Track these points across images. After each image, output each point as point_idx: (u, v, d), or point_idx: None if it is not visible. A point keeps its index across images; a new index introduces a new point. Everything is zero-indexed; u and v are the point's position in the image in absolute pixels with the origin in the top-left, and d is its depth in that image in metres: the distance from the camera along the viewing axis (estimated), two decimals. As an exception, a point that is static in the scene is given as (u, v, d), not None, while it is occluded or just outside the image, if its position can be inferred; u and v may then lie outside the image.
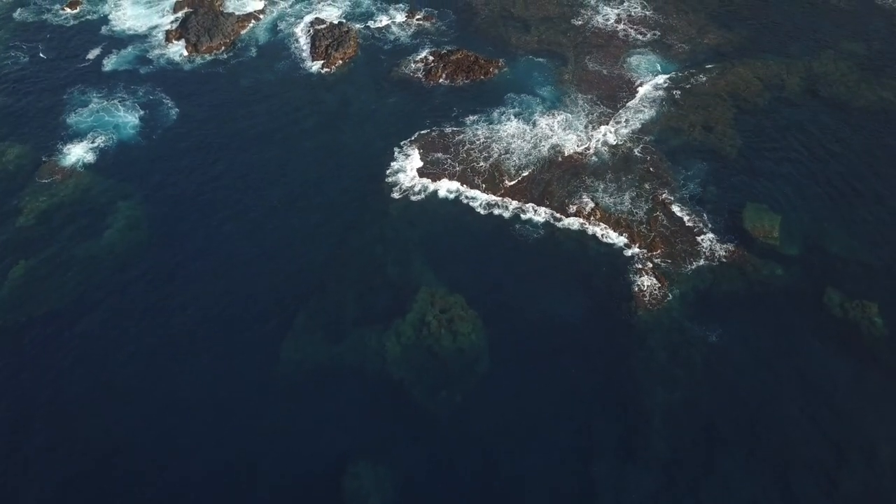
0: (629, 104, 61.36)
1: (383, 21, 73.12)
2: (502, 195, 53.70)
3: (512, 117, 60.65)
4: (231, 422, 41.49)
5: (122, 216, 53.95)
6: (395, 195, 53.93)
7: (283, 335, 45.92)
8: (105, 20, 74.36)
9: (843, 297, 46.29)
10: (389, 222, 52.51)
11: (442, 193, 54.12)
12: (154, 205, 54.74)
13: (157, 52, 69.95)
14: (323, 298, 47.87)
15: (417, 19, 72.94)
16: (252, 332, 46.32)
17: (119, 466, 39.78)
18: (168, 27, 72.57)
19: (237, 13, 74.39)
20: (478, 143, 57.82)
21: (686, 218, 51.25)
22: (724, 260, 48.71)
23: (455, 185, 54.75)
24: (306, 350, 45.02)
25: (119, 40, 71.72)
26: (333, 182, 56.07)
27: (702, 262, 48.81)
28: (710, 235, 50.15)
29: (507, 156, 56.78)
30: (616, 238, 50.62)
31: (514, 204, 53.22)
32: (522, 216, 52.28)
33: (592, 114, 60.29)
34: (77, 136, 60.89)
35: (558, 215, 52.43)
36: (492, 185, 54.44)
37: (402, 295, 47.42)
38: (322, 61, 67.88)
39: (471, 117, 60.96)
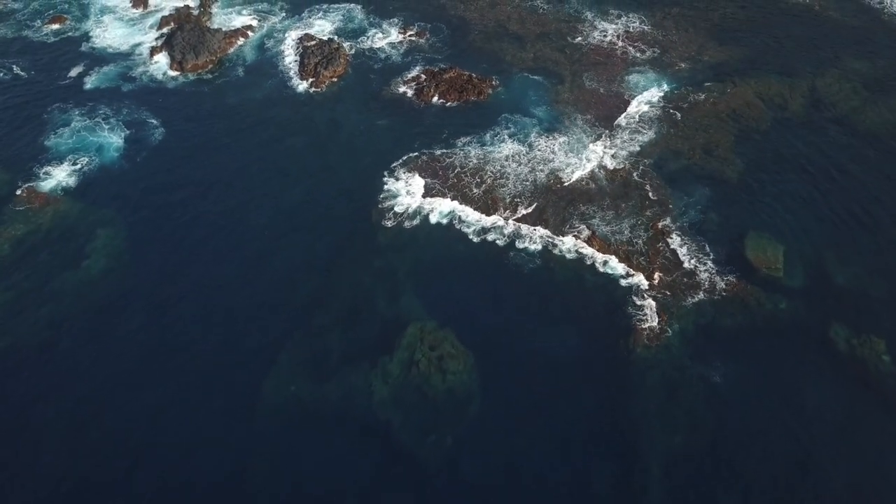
0: (628, 125, 60.07)
1: (375, 37, 71.83)
2: (495, 223, 51.97)
3: (506, 140, 59.37)
4: (209, 465, 40.04)
5: (101, 245, 52.51)
6: (385, 222, 52.58)
7: (267, 372, 44.46)
8: (88, 37, 73.06)
9: (849, 332, 44.95)
10: (378, 250, 51.13)
11: (433, 219, 52.76)
12: (135, 232, 53.29)
13: (141, 69, 68.58)
14: (308, 333, 46.43)
15: (410, 35, 71.68)
16: (234, 369, 44.87)
17: (91, 517, 38.31)
18: (153, 44, 71.18)
19: (224, 29, 73.02)
20: (470, 166, 56.54)
21: (686, 248, 49.92)
22: (725, 293, 47.35)
23: (447, 210, 53.38)
24: (290, 389, 43.52)
25: (102, 57, 70.33)
26: (321, 207, 54.70)
27: (702, 294, 47.46)
28: (712, 266, 48.79)
29: (502, 181, 55.46)
30: (613, 268, 49.11)
31: (510, 229, 51.62)
32: (517, 244, 50.91)
33: (590, 136, 59.00)
34: (57, 158, 59.45)
35: (554, 242, 50.73)
36: (485, 213, 52.79)
37: (391, 330, 45.99)
38: (311, 79, 66.51)
39: (463, 139, 59.73)
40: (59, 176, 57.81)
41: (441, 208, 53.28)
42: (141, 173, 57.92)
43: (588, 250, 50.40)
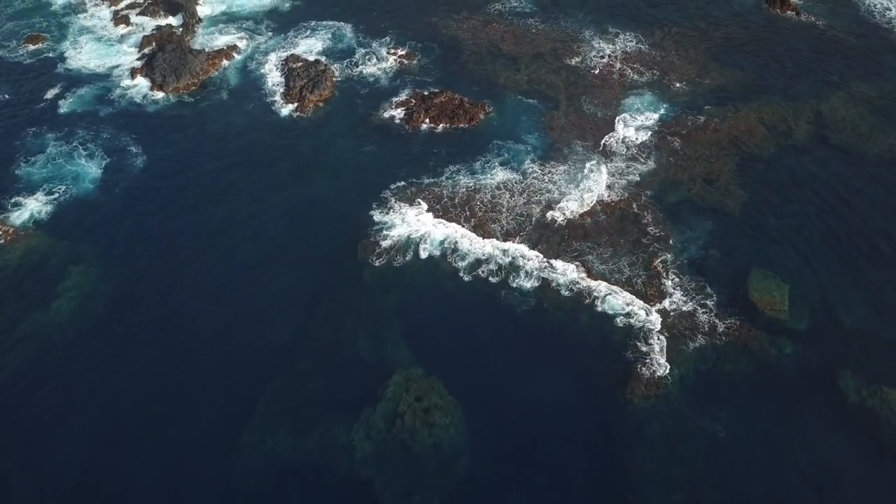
0: (625, 153, 58.17)
1: (364, 58, 69.99)
2: (486, 259, 49.97)
3: (498, 168, 57.54)
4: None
5: (73, 284, 50.50)
6: (370, 257, 50.63)
7: (243, 425, 42.42)
8: (66, 57, 71.18)
9: (859, 380, 43.00)
10: (363, 289, 49.13)
11: (421, 255, 50.80)
12: (109, 270, 51.31)
13: (120, 92, 66.73)
14: (288, 381, 44.45)
15: (400, 55, 69.77)
16: (209, 421, 42.84)
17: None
18: (133, 65, 69.27)
19: (207, 49, 71.12)
20: (459, 196, 54.58)
21: (687, 288, 47.93)
22: (727, 336, 45.41)
23: (435, 244, 51.44)
24: (267, 444, 41.54)
25: (81, 79, 68.49)
26: (304, 242, 52.75)
27: (704, 338, 45.50)
28: (713, 308, 46.84)
29: (494, 213, 53.59)
30: (610, 309, 47.13)
31: (502, 265, 49.61)
32: (510, 282, 48.89)
33: (586, 165, 57.03)
34: (29, 188, 57.52)
35: (549, 280, 48.75)
36: (476, 248, 50.79)
37: (375, 378, 44.00)
38: (297, 104, 64.57)
39: (452, 167, 57.82)
40: (32, 207, 55.86)
41: (429, 243, 51.31)
42: (117, 206, 55.95)
43: (584, 285, 48.13)
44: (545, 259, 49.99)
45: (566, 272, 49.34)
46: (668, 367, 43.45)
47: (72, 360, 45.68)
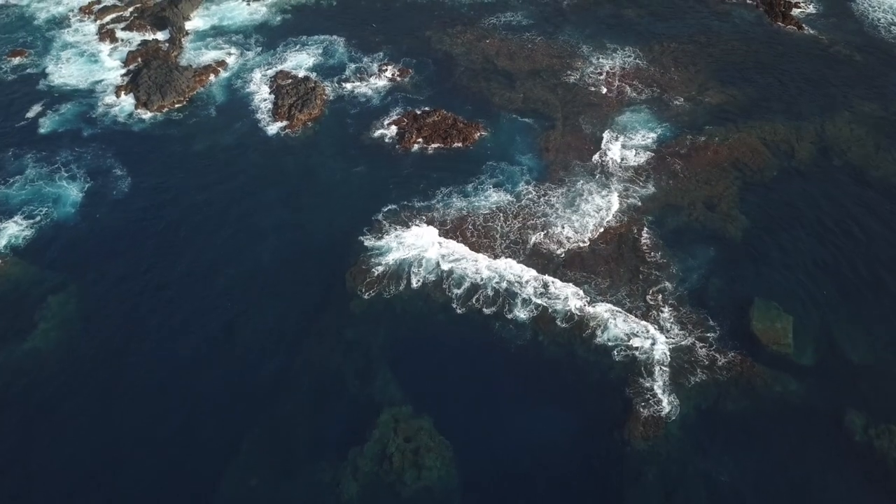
0: (623, 176, 56.81)
1: (355, 74, 68.74)
2: (479, 290, 48.55)
3: (491, 191, 56.20)
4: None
5: (51, 314, 49.04)
6: (359, 287, 49.18)
7: (225, 466, 40.96)
8: (49, 73, 69.72)
9: (867, 419, 41.64)
10: (351, 322, 47.70)
11: (412, 285, 49.32)
12: (89, 300, 49.85)
13: (104, 110, 65.35)
14: (272, 421, 43.00)
15: (393, 72, 68.42)
16: (190, 462, 41.36)
17: None
18: (118, 82, 67.92)
19: (194, 66, 69.76)
20: (452, 220, 53.03)
21: (687, 320, 46.50)
22: (729, 372, 44.03)
23: (426, 274, 50.05)
24: (250, 486, 39.98)
25: (64, 96, 67.14)
26: (291, 270, 51.36)
27: (705, 374, 44.10)
28: (715, 341, 45.48)
29: (486, 240, 52.11)
30: (607, 343, 45.73)
31: (495, 296, 48.15)
32: (505, 313, 47.46)
33: (583, 188, 55.66)
34: (7, 212, 56.08)
35: (545, 312, 47.37)
36: (467, 279, 49.35)
37: (362, 417, 42.56)
38: (285, 122, 63.19)
39: (444, 189, 56.67)
40: (9, 232, 54.43)
41: (420, 272, 49.89)
42: (99, 232, 54.53)
43: (582, 316, 46.74)
44: (541, 288, 48.45)
45: (563, 301, 47.77)
46: (668, 405, 42.05)
47: (48, 397, 44.22)
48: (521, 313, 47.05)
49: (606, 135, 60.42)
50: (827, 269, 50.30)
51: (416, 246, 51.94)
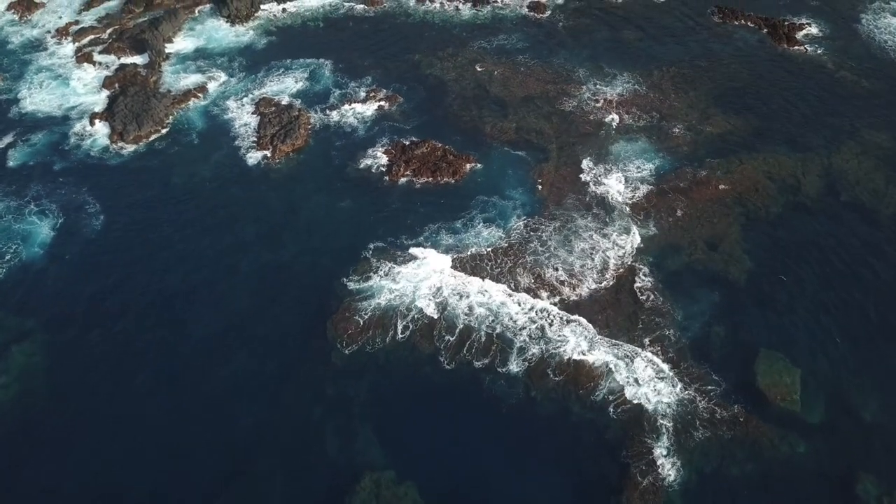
0: (620, 212, 54.59)
1: (342, 101, 66.52)
2: (468, 340, 46.31)
3: (482, 229, 54.01)
4: None
5: (15, 365, 46.95)
6: (340, 336, 46.79)
7: (195, 537, 38.51)
8: (20, 99, 67.57)
9: (880, 485, 39.55)
10: (332, 375, 45.53)
11: (398, 335, 47.05)
12: (56, 350, 47.73)
13: (77, 141, 63.21)
14: (247, 483, 40.77)
15: (380, 99, 66.20)
16: (157, 531, 38.94)
17: None
18: (93, 110, 65.77)
19: (174, 91, 67.57)
20: (434, 279, 50.67)
21: (688, 374, 44.29)
22: (734, 431, 41.94)
23: (412, 322, 47.75)
24: (221, 560, 37.63)
25: (35, 125, 65.01)
26: (270, 317, 49.14)
27: (708, 433, 41.89)
28: (718, 397, 43.23)
29: (475, 279, 49.75)
30: (603, 398, 43.48)
31: (485, 348, 45.89)
32: (496, 366, 45.18)
33: (578, 226, 53.49)
34: (-28, 252, 53.61)
35: (538, 365, 45.16)
36: (455, 328, 47.14)
37: (342, 481, 40.45)
38: (267, 153, 60.95)
39: (432, 225, 54.55)
40: (-26, 274, 52.01)
41: (406, 320, 47.61)
42: (69, 275, 52.33)
43: (577, 370, 44.52)
44: (537, 332, 46.29)
45: (558, 351, 45.60)
46: (668, 470, 39.79)
47: (8, 458, 41.82)
48: (513, 366, 44.73)
49: (603, 168, 58.28)
50: (836, 315, 48.15)
51: (406, 287, 49.57)
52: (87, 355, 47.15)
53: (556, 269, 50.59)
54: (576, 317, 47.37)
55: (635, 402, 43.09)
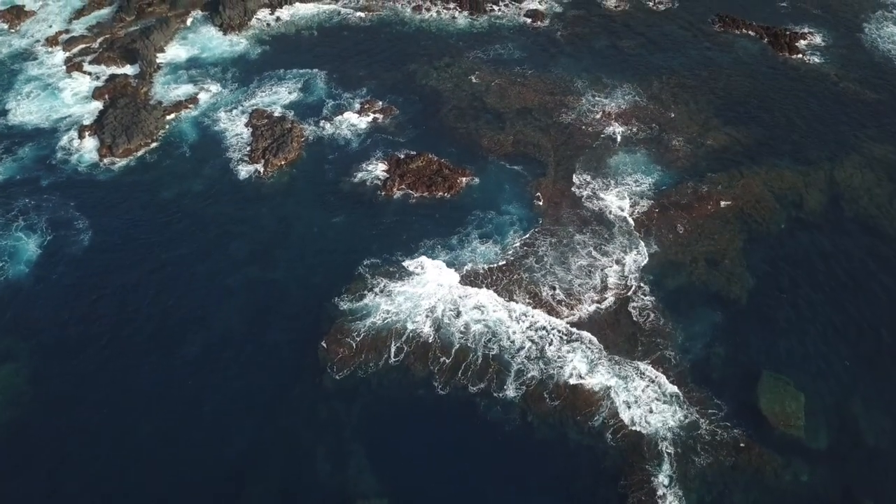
0: (619, 228, 53.72)
1: (335, 113, 65.58)
2: (464, 363, 45.38)
3: (478, 245, 53.18)
4: None
5: (0, 386, 45.67)
6: (333, 359, 45.89)
7: (181, 569, 37.54)
8: (7, 111, 66.63)
9: (886, 515, 38.27)
10: (324, 398, 44.58)
11: (391, 357, 46.10)
12: (42, 370, 46.77)
13: (66, 155, 62.22)
14: (236, 511, 39.61)
15: (375, 111, 65.28)
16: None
17: None
18: (82, 122, 64.83)
19: (165, 102, 66.64)
20: (431, 297, 49.74)
21: (689, 399, 43.37)
22: (736, 458, 41.02)
23: (405, 343, 46.82)
24: None
25: (23, 137, 64.00)
26: (261, 338, 48.20)
27: (710, 459, 40.90)
28: (719, 424, 42.30)
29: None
30: (602, 423, 42.54)
31: (480, 372, 44.94)
32: (492, 391, 44.24)
33: (576, 243, 52.58)
34: (-43, 270, 52.65)
35: (535, 385, 44.27)
36: (449, 350, 46.21)
37: (333, 511, 39.19)
38: (259, 167, 60.02)
39: (427, 241, 53.64)
40: (-41, 292, 51.05)
41: (400, 341, 46.68)
42: (56, 294, 51.29)
43: (574, 395, 43.58)
44: (533, 358, 45.36)
45: (556, 373, 44.69)
46: (668, 500, 38.70)
47: (-10, 486, 40.92)
48: (510, 391, 43.78)
49: (601, 182, 57.41)
50: (840, 335, 47.28)
51: (401, 305, 48.75)
52: (74, 378, 46.19)
53: (554, 289, 49.60)
54: (577, 333, 46.27)
55: (634, 427, 42.15)
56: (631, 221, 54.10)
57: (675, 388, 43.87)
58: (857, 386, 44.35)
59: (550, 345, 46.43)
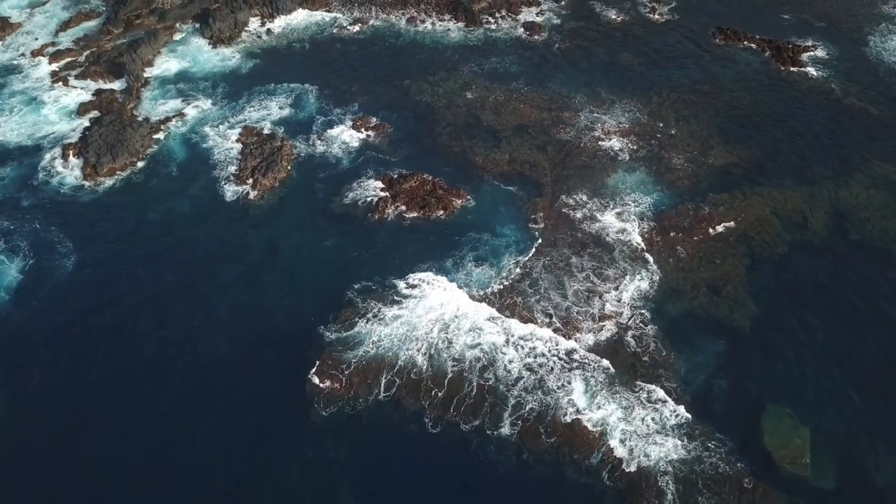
0: (619, 253, 52.47)
1: (327, 130, 64.31)
2: (457, 398, 44.08)
3: (473, 269, 51.71)
4: None
5: (-27, 420, 44.34)
6: (320, 395, 44.51)
7: None
8: (-8, 129, 65.14)
9: (896, 561, 36.93)
10: (312, 433, 43.29)
11: (380, 391, 44.75)
12: (18, 403, 45.42)
13: (48, 176, 61.02)
14: (218, 557, 38.22)
15: (368, 127, 64.04)
16: None
17: None
18: (66, 140, 63.64)
19: (152, 119, 65.43)
20: (427, 310, 48.48)
21: (690, 434, 42.05)
22: (739, 499, 39.43)
23: (396, 375, 45.44)
24: None
25: (5, 156, 62.75)
26: (246, 368, 46.92)
27: (713, 498, 39.40)
28: (722, 460, 40.96)
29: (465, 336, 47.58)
30: (598, 461, 41.23)
31: (473, 407, 43.64)
32: (485, 428, 42.90)
33: (573, 267, 51.29)
34: (-66, 296, 51.33)
35: (531, 419, 42.97)
36: (442, 384, 44.92)
37: (320, 556, 37.83)
38: (248, 187, 58.73)
39: (421, 265, 52.26)
40: (-66, 321, 49.72)
41: (391, 373, 45.37)
42: (37, 321, 50.05)
43: (571, 433, 42.28)
44: (531, 389, 44.10)
45: (552, 406, 43.43)
46: (669, 544, 37.41)
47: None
48: (504, 427, 42.46)
49: (599, 202, 56.18)
50: (847, 366, 46.04)
51: (393, 332, 47.52)
52: (52, 410, 44.88)
53: (550, 316, 48.27)
54: (575, 362, 44.99)
55: (633, 463, 40.74)
56: (630, 244, 52.79)
57: (676, 421, 42.48)
58: (865, 420, 43.03)
59: (551, 373, 45.09)
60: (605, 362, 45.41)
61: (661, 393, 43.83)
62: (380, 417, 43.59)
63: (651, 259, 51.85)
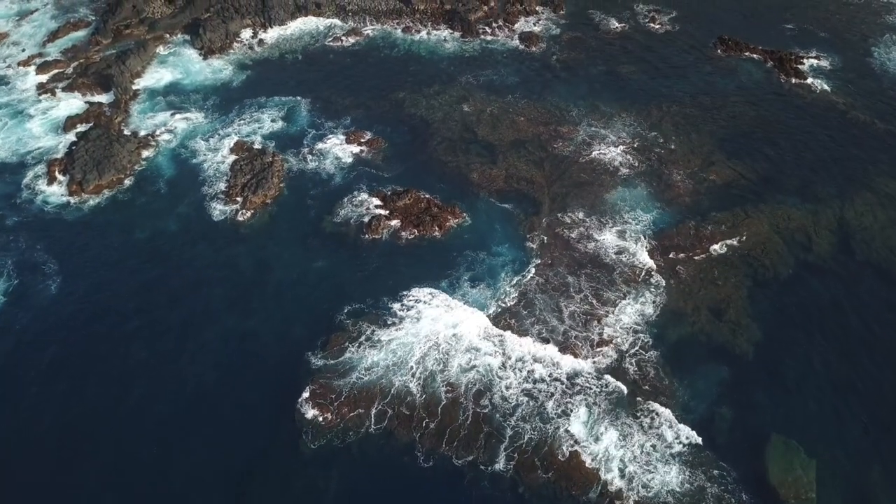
0: (619, 274, 51.29)
1: (319, 145, 63.12)
2: (449, 432, 42.86)
3: (468, 290, 50.54)
4: None
5: (-49, 451, 43.07)
6: (309, 426, 43.27)
7: None
8: (-25, 146, 63.88)
9: None
10: (300, 465, 42.14)
11: (372, 422, 43.54)
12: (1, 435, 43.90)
13: (34, 191, 59.92)
14: None
15: (361, 142, 62.86)
16: None
17: None
18: (52, 155, 62.41)
19: (141, 133, 64.21)
20: (422, 338, 47.27)
21: (692, 466, 40.78)
22: (743, 536, 38.20)
23: (390, 403, 44.29)
24: None
25: (-10, 173, 61.29)
26: (235, 397, 45.71)
27: (714, 536, 38.22)
28: (724, 495, 39.62)
29: (450, 381, 46.38)
30: (596, 496, 40.01)
31: (466, 442, 42.39)
32: (479, 463, 41.63)
33: (570, 288, 50.09)
34: (-86, 320, 50.06)
35: (529, 452, 41.78)
36: (435, 412, 43.70)
37: None
38: (237, 205, 57.51)
39: (416, 287, 50.60)
40: (-86, 346, 48.46)
41: (383, 403, 44.13)
42: (20, 348, 48.71)
43: (568, 469, 41.06)
44: (528, 418, 42.88)
45: (549, 438, 42.22)
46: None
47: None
48: (499, 463, 41.21)
49: (598, 221, 55.01)
50: (855, 394, 44.86)
51: (385, 358, 46.35)
52: (33, 442, 43.56)
53: (547, 340, 47.06)
54: (574, 388, 43.80)
55: (633, 495, 39.51)
56: (630, 265, 51.52)
57: (677, 450, 41.27)
58: (874, 452, 41.84)
59: (551, 398, 43.89)
60: (610, 379, 44.04)
61: (661, 421, 42.38)
62: (371, 449, 42.41)
63: (651, 280, 50.59)
